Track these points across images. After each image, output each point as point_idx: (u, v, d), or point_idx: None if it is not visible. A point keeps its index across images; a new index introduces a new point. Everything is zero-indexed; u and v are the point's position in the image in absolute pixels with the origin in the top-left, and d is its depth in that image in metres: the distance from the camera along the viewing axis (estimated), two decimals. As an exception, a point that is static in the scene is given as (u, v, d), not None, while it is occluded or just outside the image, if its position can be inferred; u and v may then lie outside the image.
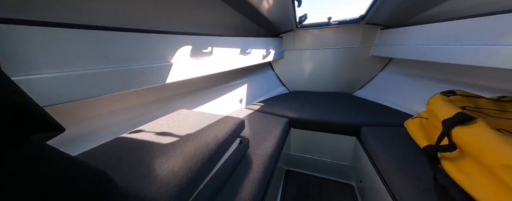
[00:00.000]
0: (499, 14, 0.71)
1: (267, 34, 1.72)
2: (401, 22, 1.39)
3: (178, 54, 0.80)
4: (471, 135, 0.52)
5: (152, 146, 0.58)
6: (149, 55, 0.71)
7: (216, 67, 1.03)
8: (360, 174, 1.05)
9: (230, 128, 0.72)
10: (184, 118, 0.81)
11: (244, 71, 1.65)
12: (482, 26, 0.78)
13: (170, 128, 0.71)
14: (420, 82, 1.27)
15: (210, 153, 0.58)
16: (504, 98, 0.71)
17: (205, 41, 0.95)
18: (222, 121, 0.78)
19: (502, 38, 0.70)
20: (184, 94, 1.10)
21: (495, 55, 0.71)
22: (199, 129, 0.69)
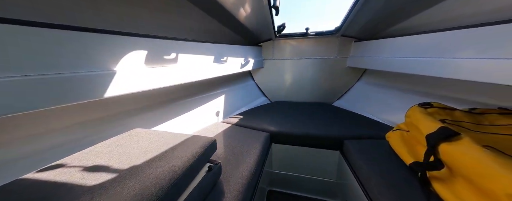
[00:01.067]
0: (457, 29, 0.75)
1: (245, 42, 1.65)
2: (373, 35, 1.47)
3: (126, 59, 0.64)
4: (461, 154, 0.47)
5: (92, 179, 0.42)
6: (84, 60, 0.54)
7: (183, 77, 0.88)
8: (346, 192, 0.97)
9: (196, 152, 0.57)
10: (138, 139, 0.64)
11: (221, 80, 1.52)
12: (446, 40, 0.82)
13: (118, 154, 0.52)
14: (394, 93, 1.31)
15: (165, 191, 0.42)
16: (475, 110, 0.72)
17: (168, 46, 0.80)
18: (187, 143, 0.62)
19: (463, 52, 0.73)
20: (142, 109, 0.90)
21: (459, 68, 0.73)
22: (153, 157, 0.53)
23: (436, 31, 0.86)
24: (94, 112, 0.72)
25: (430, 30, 0.90)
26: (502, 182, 0.37)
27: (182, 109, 1.12)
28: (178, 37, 0.86)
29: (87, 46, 0.54)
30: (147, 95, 0.90)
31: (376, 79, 1.55)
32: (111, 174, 0.45)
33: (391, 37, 1.17)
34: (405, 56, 1.04)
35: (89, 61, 0.54)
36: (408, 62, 1.01)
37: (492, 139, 0.55)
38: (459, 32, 0.76)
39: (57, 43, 0.49)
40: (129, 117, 0.83)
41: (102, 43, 0.57)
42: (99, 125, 0.73)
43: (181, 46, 0.87)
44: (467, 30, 0.72)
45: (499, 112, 0.67)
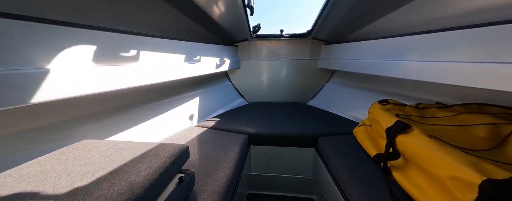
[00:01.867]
0: (406, 36, 0.88)
1: (221, 41, 1.59)
2: (340, 39, 1.60)
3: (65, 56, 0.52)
4: (412, 144, 0.54)
5: None
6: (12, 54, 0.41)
7: (147, 77, 0.77)
8: (321, 187, 1.02)
9: (164, 162, 0.50)
10: (82, 155, 0.52)
11: (194, 82, 1.42)
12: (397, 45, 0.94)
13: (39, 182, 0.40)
14: (359, 92, 1.45)
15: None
16: (420, 105, 0.84)
17: (125, 41, 0.69)
18: (152, 153, 0.54)
19: (411, 56, 0.85)
20: (96, 116, 0.75)
21: (408, 69, 0.85)
22: (105, 174, 0.43)
23: (390, 37, 0.99)
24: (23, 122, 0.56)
25: (385, 36, 1.03)
26: (445, 167, 0.42)
27: (149, 114, 0.99)
28: (139, 31, 0.76)
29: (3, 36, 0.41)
30: (102, 99, 0.76)
31: (343, 79, 1.69)
32: (62, 189, 0.35)
33: (355, 41, 1.30)
34: (367, 58, 1.16)
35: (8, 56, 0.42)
36: (369, 64, 1.14)
37: (434, 129, 0.65)
38: (407, 38, 0.88)
39: None
40: (75, 127, 0.68)
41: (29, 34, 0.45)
42: (30, 139, 0.57)
43: (143, 42, 0.77)
44: (412, 36, 0.84)
45: (437, 106, 0.79)
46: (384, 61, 1.02)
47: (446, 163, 0.43)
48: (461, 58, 0.64)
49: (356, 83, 1.51)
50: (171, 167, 0.52)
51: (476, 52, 0.60)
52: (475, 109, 0.69)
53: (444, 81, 0.68)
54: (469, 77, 0.60)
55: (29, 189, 0.38)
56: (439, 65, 0.71)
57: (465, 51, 0.64)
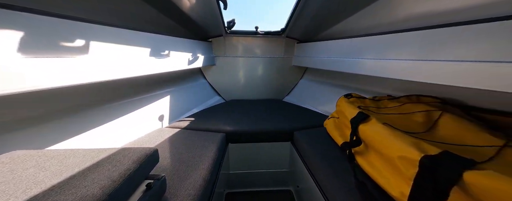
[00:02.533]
0: (367, 36, 0.99)
1: (193, 36, 1.49)
2: (311, 38, 1.70)
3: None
4: (370, 131, 0.62)
5: None
6: None
7: (100, 73, 0.66)
8: (297, 178, 1.08)
9: (127, 169, 0.44)
10: (19, 166, 0.41)
11: (164, 79, 1.29)
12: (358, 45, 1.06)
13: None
14: (329, 87, 1.58)
15: None
16: (375, 97, 0.97)
17: (71, 29, 0.58)
18: (111, 160, 0.47)
19: (369, 54, 0.97)
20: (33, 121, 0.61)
21: (366, 66, 0.97)
22: (49, 188, 0.35)
23: (352, 37, 1.10)
24: None
25: (349, 36, 1.15)
26: (394, 148, 0.50)
27: (108, 116, 0.85)
28: (88, 18, 0.64)
29: None
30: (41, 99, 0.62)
31: (315, 76, 1.82)
32: None
33: (324, 40, 1.40)
34: (334, 56, 1.27)
35: None
36: (335, 62, 1.25)
37: (386, 117, 0.76)
38: (365, 38, 1.00)
39: None
40: (8, 132, 0.54)
41: None
42: None
43: (95, 31, 0.65)
44: (371, 37, 0.95)
45: (388, 98, 0.93)
46: (347, 59, 1.13)
47: (395, 145, 0.50)
48: (404, 56, 0.76)
49: (325, 80, 1.64)
50: (136, 174, 0.46)
51: (415, 50, 0.72)
52: (415, 100, 0.83)
53: (392, 76, 0.80)
54: (410, 73, 0.72)
55: None
56: (388, 63, 0.83)
57: (407, 50, 0.76)
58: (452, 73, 0.59)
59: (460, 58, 0.58)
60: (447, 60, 0.61)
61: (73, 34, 0.58)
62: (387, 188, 0.51)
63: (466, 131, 0.56)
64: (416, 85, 0.89)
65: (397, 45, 0.81)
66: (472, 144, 0.52)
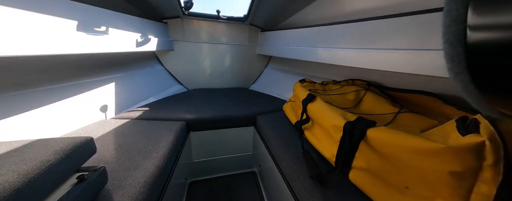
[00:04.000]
0: (319, 26, 1.10)
1: (142, 14, 1.29)
2: (273, 27, 1.75)
3: None
4: (314, 108, 0.72)
5: None
6: None
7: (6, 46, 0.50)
8: (259, 159, 1.16)
9: (44, 160, 0.37)
10: None
11: (107, 62, 1.09)
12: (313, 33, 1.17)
13: None
14: (289, 75, 1.70)
15: None
16: (324, 82, 1.12)
17: None
18: (22, 152, 0.38)
19: (322, 43, 1.09)
20: None
21: (319, 54, 1.09)
22: None
23: (310, 27, 1.19)
24: None
25: (307, 25, 1.23)
26: (329, 119, 0.61)
27: (27, 105, 0.67)
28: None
29: None
30: None
31: (278, 64, 1.91)
32: None
33: (285, 29, 1.47)
34: (292, 45, 1.36)
35: None
36: (294, 50, 1.34)
37: (329, 98, 0.90)
38: (321, 28, 1.09)
39: None
40: None
41: None
42: None
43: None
44: (324, 27, 1.06)
45: (332, 82, 1.09)
46: (304, 47, 1.24)
47: (330, 117, 0.61)
48: (348, 45, 0.88)
49: (288, 68, 1.76)
50: (60, 167, 0.40)
51: (357, 40, 0.84)
52: (350, 83, 1.01)
53: (339, 63, 0.92)
54: (352, 60, 0.84)
55: None
56: (336, 51, 0.95)
57: (351, 39, 0.88)
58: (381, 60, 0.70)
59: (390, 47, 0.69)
60: (379, 48, 0.72)
61: None
62: (323, 152, 0.63)
63: (378, 104, 0.74)
64: (351, 71, 1.07)
65: (342, 35, 0.92)
66: (380, 113, 0.68)
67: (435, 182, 0.35)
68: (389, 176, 0.44)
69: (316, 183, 0.55)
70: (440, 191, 0.35)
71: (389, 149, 0.42)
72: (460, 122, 0.37)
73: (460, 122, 0.37)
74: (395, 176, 0.43)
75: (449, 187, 0.33)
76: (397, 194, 0.42)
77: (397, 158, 0.41)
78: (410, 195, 0.40)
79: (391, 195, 0.43)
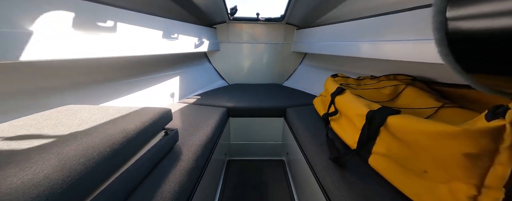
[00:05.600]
0: (356, 20, 1.07)
1: (198, 22, 1.61)
2: (309, 24, 1.77)
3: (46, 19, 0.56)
4: (342, 101, 0.75)
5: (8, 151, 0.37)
6: None
7: (125, 49, 0.83)
8: (288, 149, 1.25)
9: (148, 120, 0.61)
10: (71, 114, 0.59)
11: (174, 61, 1.46)
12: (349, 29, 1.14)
13: (38, 129, 0.48)
14: (323, 71, 1.68)
15: (114, 149, 0.46)
16: (360, 77, 1.09)
17: (103, 12, 0.73)
18: (137, 114, 0.64)
19: (358, 37, 1.05)
20: (79, 86, 0.80)
21: (355, 48, 1.06)
22: (95, 125, 0.52)
23: (350, 20, 1.16)
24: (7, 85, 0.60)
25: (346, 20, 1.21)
26: (354, 109, 0.64)
27: (129, 88, 1.05)
28: (115, 3, 0.79)
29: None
30: (85, 68, 0.80)
31: (312, 61, 1.91)
32: (46, 140, 0.44)
33: (321, 26, 1.48)
34: (329, 41, 1.36)
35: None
36: (331, 46, 1.33)
37: (362, 92, 0.89)
38: (359, 22, 1.06)
39: None
40: (55, 94, 0.73)
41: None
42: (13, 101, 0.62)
43: (120, 14, 0.81)
44: (363, 20, 1.03)
45: (370, 77, 1.04)
46: (341, 42, 1.22)
47: (355, 107, 0.64)
48: (391, 38, 0.83)
49: (322, 65, 1.74)
50: (154, 124, 0.62)
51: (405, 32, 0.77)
52: (392, 77, 0.94)
53: (382, 57, 0.87)
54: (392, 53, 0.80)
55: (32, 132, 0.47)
56: (379, 45, 0.90)
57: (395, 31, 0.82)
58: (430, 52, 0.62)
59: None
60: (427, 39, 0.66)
61: (102, 15, 0.74)
62: (346, 140, 0.67)
63: (419, 99, 0.69)
64: (391, 66, 0.99)
65: (389, 27, 0.84)
66: (418, 107, 0.65)
67: (452, 165, 0.36)
68: (408, 161, 0.46)
69: (335, 165, 0.61)
70: (456, 174, 0.36)
71: (408, 135, 0.44)
72: (492, 110, 0.36)
73: (491, 109, 0.36)
74: (414, 161, 0.44)
75: (465, 169, 0.34)
76: (415, 178, 0.44)
77: (416, 143, 0.43)
78: (428, 179, 0.41)
79: (410, 179, 0.45)
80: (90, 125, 0.52)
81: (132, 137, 0.52)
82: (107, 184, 0.44)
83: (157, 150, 0.63)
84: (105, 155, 0.44)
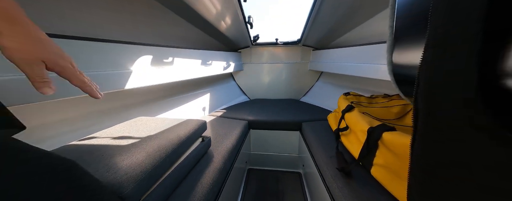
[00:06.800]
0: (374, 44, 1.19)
1: (227, 49, 1.94)
2: (324, 46, 1.92)
3: (138, 62, 0.87)
4: (351, 117, 0.85)
5: (109, 149, 0.58)
6: (106, 62, 0.75)
7: (178, 76, 1.12)
8: (303, 161, 1.33)
9: (192, 128, 0.82)
10: (144, 123, 0.85)
11: (206, 81, 1.77)
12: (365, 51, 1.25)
13: (129, 132, 0.73)
14: (338, 89, 1.76)
15: (173, 148, 0.66)
16: (372, 96, 1.15)
17: (166, 52, 1.05)
18: (184, 123, 0.87)
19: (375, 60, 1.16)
20: (143, 103, 1.11)
21: (371, 70, 1.15)
22: (160, 131, 0.75)
23: (359, 45, 1.29)
24: (108, 103, 0.91)
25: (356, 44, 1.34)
26: (358, 125, 0.74)
27: (174, 104, 1.34)
28: (173, 45, 1.11)
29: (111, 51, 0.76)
30: (148, 91, 1.11)
31: (328, 79, 2.01)
32: (135, 140, 0.68)
33: (336, 48, 1.62)
34: (344, 62, 1.47)
35: (115, 62, 0.77)
36: (345, 66, 1.44)
37: (371, 110, 0.96)
38: (368, 47, 1.18)
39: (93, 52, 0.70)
40: (134, 108, 1.04)
41: (122, 50, 0.80)
42: (109, 114, 0.92)
43: (175, 52, 1.12)
44: (370, 46, 1.15)
45: (383, 96, 1.10)
46: (354, 64, 1.33)
47: (359, 123, 0.74)
48: None
49: (336, 82, 1.83)
50: (195, 132, 0.83)
51: None
52: (402, 97, 0.99)
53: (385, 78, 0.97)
54: None
55: (125, 134, 0.72)
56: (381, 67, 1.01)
57: None
58: None
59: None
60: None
61: (166, 55, 1.05)
62: (353, 152, 0.75)
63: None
64: None
65: None
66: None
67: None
68: (401, 172, 0.53)
69: (342, 174, 0.70)
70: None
71: (399, 148, 0.53)
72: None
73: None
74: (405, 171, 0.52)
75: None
76: (408, 187, 0.51)
77: (406, 156, 0.52)
78: (417, 188, 0.49)
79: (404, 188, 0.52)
80: (157, 131, 0.76)
81: (182, 141, 0.73)
82: (167, 174, 0.63)
83: (197, 152, 0.83)
84: (168, 152, 0.64)
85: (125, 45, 0.81)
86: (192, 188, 0.68)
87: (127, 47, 0.82)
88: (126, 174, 0.49)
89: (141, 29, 1.07)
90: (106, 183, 0.46)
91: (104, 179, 0.46)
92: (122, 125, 0.82)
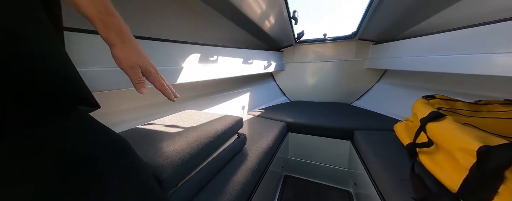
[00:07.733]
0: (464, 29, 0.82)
1: (268, 48, 1.92)
2: (392, 37, 1.53)
3: (188, 60, 0.97)
4: (438, 128, 0.59)
5: (161, 134, 0.67)
6: (164, 59, 0.87)
7: (221, 73, 1.19)
8: (355, 178, 1.07)
9: (228, 124, 0.83)
10: (190, 116, 0.93)
11: (247, 80, 1.80)
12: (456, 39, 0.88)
13: (177, 123, 0.82)
14: (411, 91, 1.33)
15: (210, 140, 0.67)
16: (480, 101, 0.77)
17: (212, 51, 1.13)
18: (221, 119, 0.88)
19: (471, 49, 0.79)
20: (192, 98, 1.24)
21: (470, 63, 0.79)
22: (201, 124, 0.80)
23: (447, 31, 0.93)
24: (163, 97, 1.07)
25: (441, 31, 0.97)
26: (455, 141, 0.49)
27: (217, 101, 1.43)
28: (218, 44, 1.18)
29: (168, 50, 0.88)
30: (195, 87, 1.24)
31: (395, 79, 1.57)
32: (180, 129, 0.74)
33: (408, 38, 1.24)
34: (421, 55, 1.09)
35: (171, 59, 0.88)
36: (423, 61, 1.06)
37: (480, 121, 0.63)
38: (467, 31, 0.82)
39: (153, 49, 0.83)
40: (184, 102, 1.18)
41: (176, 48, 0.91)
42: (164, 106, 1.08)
43: (219, 50, 1.19)
44: (473, 28, 0.78)
45: (502, 102, 0.71)
46: (440, 56, 0.95)
47: (458, 138, 0.49)
48: None
49: (409, 83, 1.39)
50: (231, 128, 0.82)
51: None
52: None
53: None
54: None
55: (174, 124, 0.80)
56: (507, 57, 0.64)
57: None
58: None
59: None
60: None
61: (212, 53, 1.13)
62: (443, 178, 0.50)
63: None
64: None
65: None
66: None
67: None
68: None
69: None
70: None
71: None
72: None
73: None
74: None
75: None
76: None
77: None
78: None
79: None
80: (199, 123, 0.80)
81: (219, 134, 0.73)
82: (203, 165, 0.64)
83: (232, 148, 0.82)
84: (205, 143, 0.65)
85: (180, 44, 0.92)
86: (225, 184, 0.66)
87: (182, 46, 0.93)
88: (167, 159, 0.53)
89: (191, 30, 1.21)
90: (151, 164, 0.50)
91: (150, 161, 0.51)
92: (173, 115, 0.93)
